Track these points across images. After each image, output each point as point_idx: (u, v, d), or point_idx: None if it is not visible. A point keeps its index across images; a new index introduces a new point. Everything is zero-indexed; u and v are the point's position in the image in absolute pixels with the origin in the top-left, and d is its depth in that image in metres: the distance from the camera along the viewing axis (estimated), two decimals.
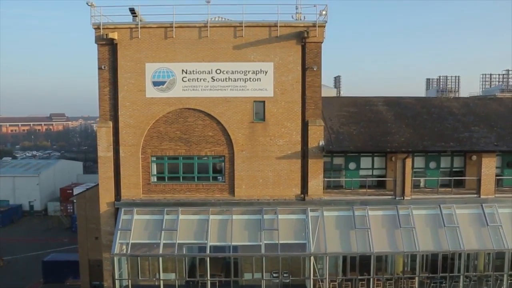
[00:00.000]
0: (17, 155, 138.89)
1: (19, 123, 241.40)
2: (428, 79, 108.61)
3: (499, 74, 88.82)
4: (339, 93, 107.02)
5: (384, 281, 26.65)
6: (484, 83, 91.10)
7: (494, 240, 26.40)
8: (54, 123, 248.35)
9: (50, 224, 59.23)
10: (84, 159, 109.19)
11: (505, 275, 26.69)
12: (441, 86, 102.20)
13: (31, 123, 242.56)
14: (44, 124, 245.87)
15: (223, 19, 29.13)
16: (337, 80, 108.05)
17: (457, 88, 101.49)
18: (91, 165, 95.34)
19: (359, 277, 26.36)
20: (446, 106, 32.47)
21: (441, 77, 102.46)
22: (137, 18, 27.06)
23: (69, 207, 60.93)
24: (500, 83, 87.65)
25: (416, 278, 26.56)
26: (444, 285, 26.68)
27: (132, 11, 27.02)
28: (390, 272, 27.16)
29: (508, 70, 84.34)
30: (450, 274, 26.50)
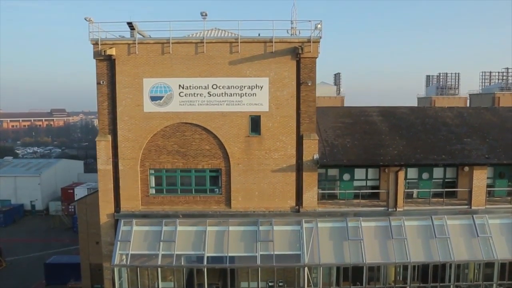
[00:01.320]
0: (18, 151, 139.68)
1: (20, 119, 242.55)
2: (428, 76, 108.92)
3: (498, 72, 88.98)
4: (339, 90, 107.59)
5: None
6: (483, 81, 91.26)
7: (484, 251, 27.07)
8: (54, 118, 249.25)
9: (52, 224, 60.04)
10: (85, 156, 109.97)
11: (494, 285, 27.44)
12: (441, 83, 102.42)
13: (32, 119, 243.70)
14: (45, 120, 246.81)
15: (225, 33, 29.74)
16: (337, 77, 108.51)
17: (457, 85, 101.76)
18: (92, 163, 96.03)
19: (352, 287, 27.13)
20: (440, 116, 32.97)
21: (441, 74, 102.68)
22: (135, 31, 27.59)
23: (70, 207, 61.68)
24: (500, 81, 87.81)
25: (408, 287, 27.32)
26: None
27: (130, 24, 27.53)
28: (382, 282, 27.83)
29: (507, 68, 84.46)
30: (441, 284, 27.24)
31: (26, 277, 43.92)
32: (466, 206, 28.37)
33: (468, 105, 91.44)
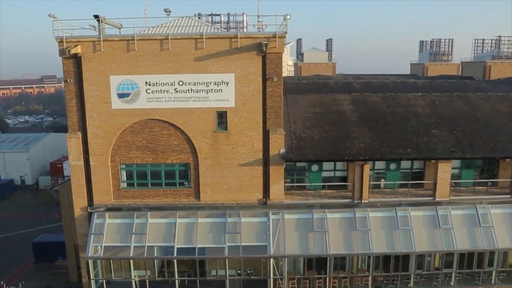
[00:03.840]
0: (8, 120, 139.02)
1: (10, 86, 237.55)
2: (421, 41, 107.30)
3: (491, 39, 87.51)
4: (331, 56, 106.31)
5: (340, 279, 28.60)
6: (476, 48, 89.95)
7: (445, 242, 28.03)
8: (45, 85, 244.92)
9: (42, 199, 61.13)
10: None
11: (453, 273, 28.57)
12: (434, 49, 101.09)
13: (23, 86, 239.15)
14: (36, 87, 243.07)
15: (196, 24, 29.55)
16: (328, 42, 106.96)
17: (450, 52, 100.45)
18: None
19: (316, 276, 28.34)
20: (412, 105, 33.07)
21: (435, 40, 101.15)
22: (101, 24, 27.44)
23: (60, 181, 62.58)
24: (492, 49, 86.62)
25: (370, 276, 28.51)
26: (396, 282, 28.67)
27: (97, 18, 27.37)
28: (347, 271, 28.96)
29: (500, 36, 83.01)
30: (402, 273, 28.38)
31: (16, 254, 45.29)
32: (431, 198, 29.10)
33: (460, 72, 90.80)
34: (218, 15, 45.43)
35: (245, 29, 37.08)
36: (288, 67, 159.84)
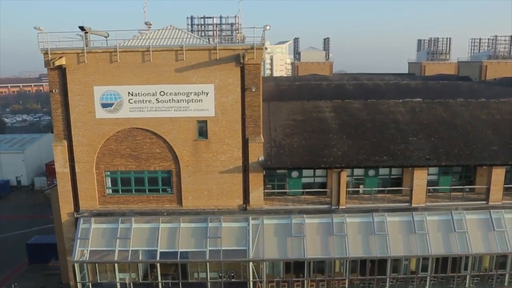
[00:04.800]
0: (6, 119, 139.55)
1: (9, 85, 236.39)
2: (419, 40, 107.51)
3: (488, 39, 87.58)
4: (328, 55, 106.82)
5: (318, 282, 29.49)
6: (473, 48, 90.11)
7: (420, 247, 28.85)
8: (44, 84, 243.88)
9: (37, 200, 62.12)
10: None
11: (428, 277, 29.40)
12: (432, 48, 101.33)
13: (21, 85, 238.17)
14: (34, 85, 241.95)
15: (179, 33, 30.45)
16: (326, 42, 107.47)
17: (448, 50, 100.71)
18: None
19: (295, 279, 29.25)
20: (392, 111, 33.75)
21: (433, 39, 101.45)
22: (87, 35, 28.37)
23: (55, 182, 63.46)
24: (488, 48, 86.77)
25: (347, 280, 29.39)
26: (372, 285, 29.54)
27: (82, 29, 28.27)
28: (324, 274, 29.81)
29: (496, 36, 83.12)
30: (378, 276, 29.24)
31: (11, 255, 46.39)
32: (407, 204, 29.86)
33: (457, 72, 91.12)
34: (210, 17, 46.21)
35: (237, 31, 37.82)
36: (286, 66, 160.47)
